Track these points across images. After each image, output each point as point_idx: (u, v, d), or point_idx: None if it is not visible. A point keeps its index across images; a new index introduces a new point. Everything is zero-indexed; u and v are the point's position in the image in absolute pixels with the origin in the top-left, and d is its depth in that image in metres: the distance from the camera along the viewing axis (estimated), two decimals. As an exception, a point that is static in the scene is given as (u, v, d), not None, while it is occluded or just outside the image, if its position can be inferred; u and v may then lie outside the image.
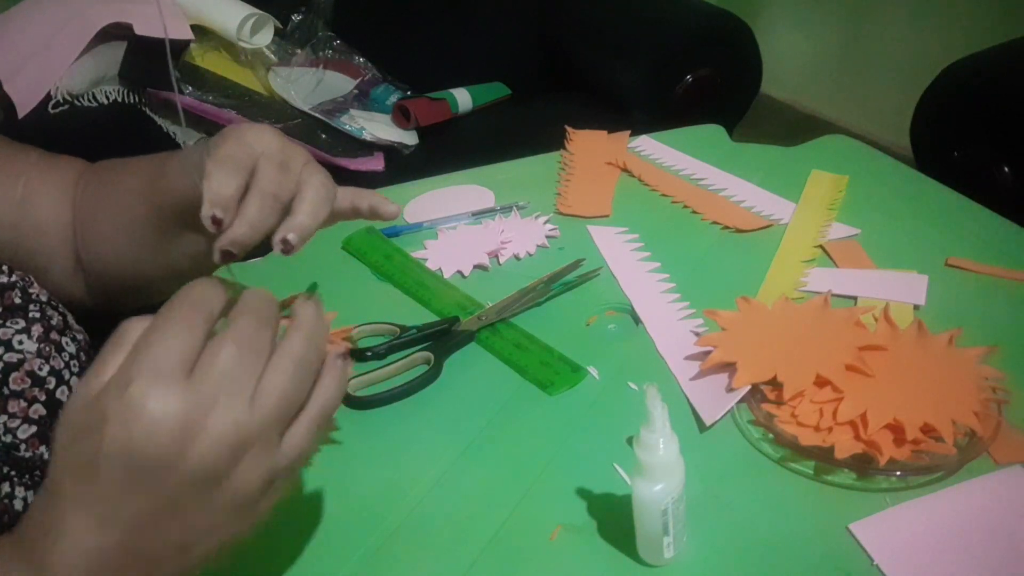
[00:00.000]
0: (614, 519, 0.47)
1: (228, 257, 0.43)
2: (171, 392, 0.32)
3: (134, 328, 0.35)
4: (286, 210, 0.45)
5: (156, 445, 0.32)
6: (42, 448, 0.49)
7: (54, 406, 0.50)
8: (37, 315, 0.52)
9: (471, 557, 0.47)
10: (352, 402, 0.58)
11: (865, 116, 2.20)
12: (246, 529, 0.36)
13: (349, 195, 0.54)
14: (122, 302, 0.62)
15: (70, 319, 0.56)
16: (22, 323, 0.51)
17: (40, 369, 0.50)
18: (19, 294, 0.53)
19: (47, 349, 0.51)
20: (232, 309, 0.36)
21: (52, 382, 0.51)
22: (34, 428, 0.49)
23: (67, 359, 0.53)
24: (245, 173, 0.44)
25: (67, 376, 0.52)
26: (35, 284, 0.56)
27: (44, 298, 0.55)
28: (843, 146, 0.91)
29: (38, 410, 0.49)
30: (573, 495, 0.50)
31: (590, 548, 0.46)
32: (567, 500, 0.50)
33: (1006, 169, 1.08)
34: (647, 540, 0.44)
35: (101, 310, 0.61)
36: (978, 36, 1.34)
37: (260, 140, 0.46)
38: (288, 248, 0.44)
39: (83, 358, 0.54)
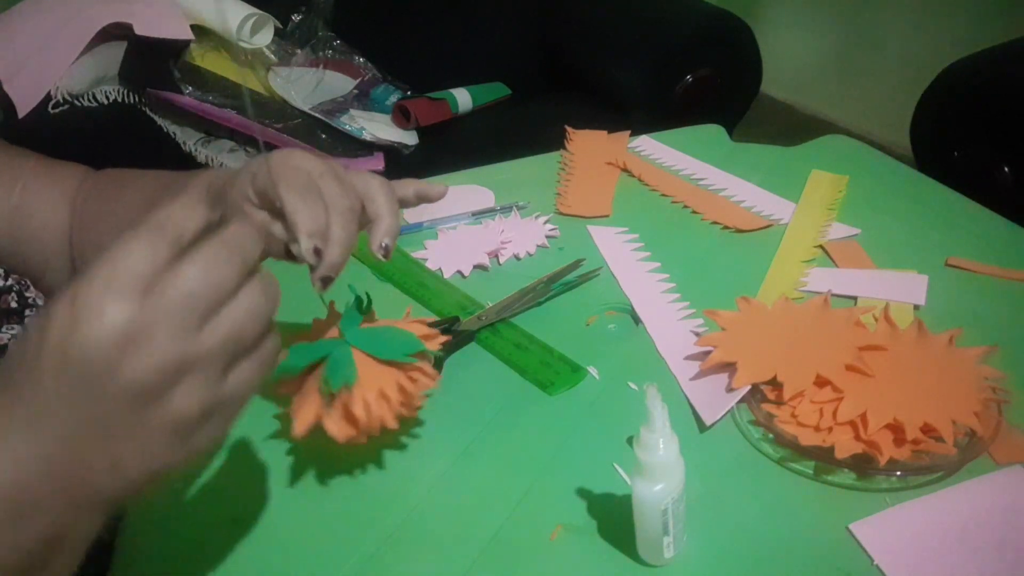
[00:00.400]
0: (614, 519, 0.47)
1: (328, 283, 0.45)
2: (120, 302, 0.31)
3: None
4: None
5: (95, 350, 0.31)
6: None
7: None
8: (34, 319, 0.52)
9: (471, 557, 0.47)
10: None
11: (865, 116, 2.20)
12: (179, 459, 0.34)
13: (394, 185, 0.54)
14: None
15: None
16: (17, 327, 0.51)
17: None
18: (15, 298, 0.54)
19: None
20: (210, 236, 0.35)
21: None
22: None
23: None
24: (321, 199, 0.45)
25: None
26: (31, 288, 0.56)
27: (40, 302, 0.55)
28: (843, 146, 0.91)
29: None
30: (573, 495, 0.50)
31: (590, 548, 0.46)
32: (567, 500, 0.50)
33: (1006, 169, 1.08)
34: (647, 540, 0.44)
35: None
36: (978, 36, 1.34)
37: (307, 163, 0.47)
38: (388, 252, 0.48)
39: None
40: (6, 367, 0.33)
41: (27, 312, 0.53)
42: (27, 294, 0.55)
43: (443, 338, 0.52)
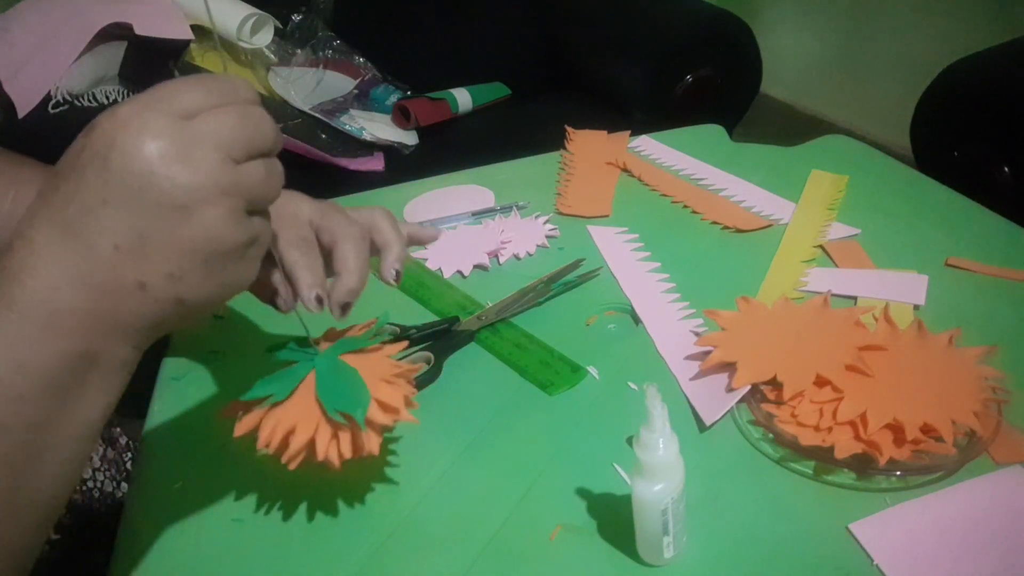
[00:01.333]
0: (614, 519, 0.47)
1: (347, 309, 0.48)
2: (163, 120, 0.33)
3: None
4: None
5: (136, 158, 0.32)
6: None
7: None
8: None
9: (471, 557, 0.47)
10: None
11: (865, 116, 2.20)
12: (204, 293, 0.35)
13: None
14: None
15: None
16: None
17: None
18: None
19: None
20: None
21: None
22: None
23: None
24: (317, 246, 0.47)
25: None
26: None
27: None
28: (843, 146, 0.91)
29: None
30: (573, 495, 0.50)
31: (590, 548, 0.46)
32: (567, 500, 0.50)
33: (1006, 169, 1.08)
34: (647, 540, 0.44)
35: None
36: (978, 36, 1.34)
37: (304, 208, 0.49)
38: (399, 277, 0.51)
39: None
40: (52, 175, 0.34)
41: None
42: None
43: (410, 382, 0.49)
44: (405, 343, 0.53)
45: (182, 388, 0.62)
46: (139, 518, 0.52)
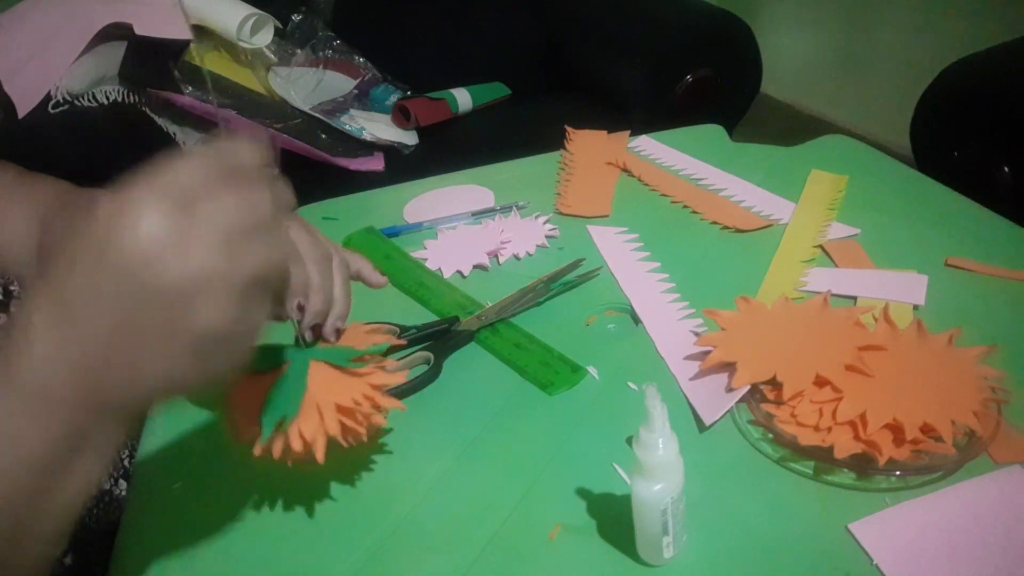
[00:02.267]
0: (614, 519, 0.47)
1: (318, 330, 0.48)
2: (161, 208, 0.33)
3: None
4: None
5: (133, 247, 0.32)
6: None
7: None
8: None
9: (471, 557, 0.47)
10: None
11: (865, 116, 2.20)
12: (195, 377, 0.36)
13: (345, 257, 0.55)
14: None
15: None
16: (3, 316, 0.51)
17: None
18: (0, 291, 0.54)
19: None
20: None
21: None
22: None
23: None
24: (300, 256, 0.47)
25: None
26: (16, 283, 0.56)
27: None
28: (843, 146, 0.91)
29: None
30: (573, 495, 0.50)
31: (590, 548, 0.46)
32: (567, 500, 0.50)
33: (1006, 169, 1.08)
34: (647, 540, 0.44)
35: None
36: (978, 36, 1.34)
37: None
38: (340, 334, 0.50)
39: None
40: (47, 260, 0.35)
41: (11, 305, 0.53)
42: (12, 288, 0.55)
43: (383, 337, 0.52)
44: (398, 366, 0.53)
45: (182, 388, 0.62)
46: (139, 518, 0.52)
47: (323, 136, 1.39)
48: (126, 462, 0.73)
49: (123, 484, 0.70)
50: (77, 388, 0.34)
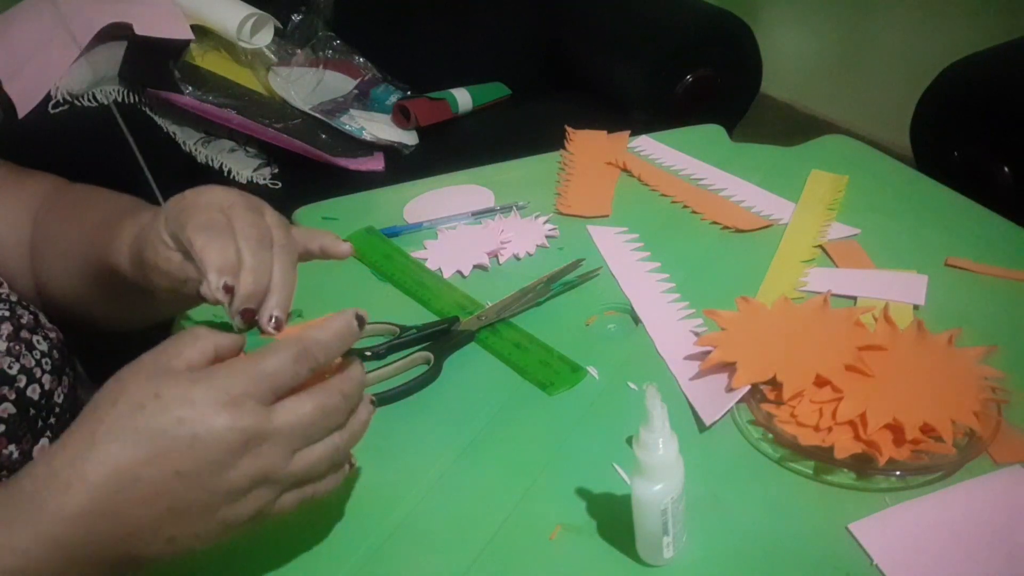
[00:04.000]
0: (614, 519, 0.47)
1: (248, 315, 0.44)
2: (261, 409, 0.36)
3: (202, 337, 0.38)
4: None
5: (224, 444, 0.35)
6: (11, 447, 0.49)
7: (24, 404, 0.50)
8: (7, 314, 0.52)
9: (471, 557, 0.47)
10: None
11: (865, 116, 2.20)
12: (218, 540, 0.39)
13: (301, 238, 0.52)
14: (78, 329, 0.61)
15: (42, 318, 0.56)
16: None
17: (10, 368, 0.50)
18: None
19: (17, 348, 0.51)
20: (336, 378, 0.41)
21: (23, 380, 0.50)
22: (2, 427, 0.48)
23: (38, 357, 0.52)
24: (231, 234, 0.45)
25: (38, 374, 0.52)
26: (5, 285, 0.56)
27: (15, 298, 0.55)
28: (843, 146, 0.91)
29: (7, 408, 0.49)
30: (573, 495, 0.50)
31: (590, 548, 0.46)
32: (567, 500, 0.50)
33: (1006, 169, 1.08)
34: (647, 540, 0.44)
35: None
36: (978, 36, 1.34)
37: (217, 197, 0.47)
38: (280, 325, 0.45)
39: (55, 355, 0.54)
40: (122, 426, 0.36)
41: (0, 308, 0.53)
42: (1, 291, 0.55)
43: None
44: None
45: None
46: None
47: (323, 136, 1.39)
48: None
49: None
50: (116, 550, 0.36)
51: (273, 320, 0.44)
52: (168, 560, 0.38)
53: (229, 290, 0.43)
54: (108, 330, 0.62)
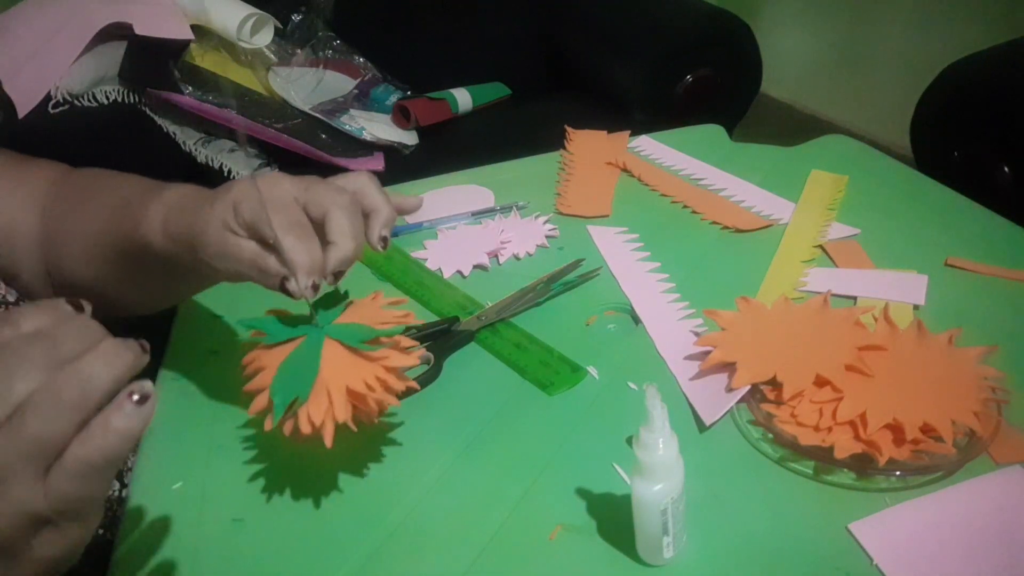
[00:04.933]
0: (614, 519, 0.47)
1: (340, 276, 0.47)
2: None
3: None
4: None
5: None
6: None
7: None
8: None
9: (471, 557, 0.47)
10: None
11: (865, 116, 2.20)
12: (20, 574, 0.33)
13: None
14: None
15: None
16: None
17: None
18: None
19: None
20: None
21: None
22: None
23: None
24: (312, 229, 0.46)
25: None
26: (2, 285, 0.55)
27: (12, 299, 0.55)
28: (843, 146, 0.91)
29: None
30: (573, 495, 0.50)
31: (590, 548, 0.46)
32: (567, 500, 0.50)
33: (1006, 169, 1.08)
34: (646, 540, 0.44)
35: None
36: (978, 36, 1.34)
37: (294, 187, 0.48)
38: (386, 242, 0.49)
39: None
40: None
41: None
42: None
43: (399, 316, 0.50)
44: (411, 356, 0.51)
45: (182, 388, 0.62)
46: (139, 518, 0.52)
47: (323, 136, 1.39)
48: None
49: (116, 485, 0.69)
50: None
51: (381, 240, 0.49)
52: None
53: (316, 288, 0.45)
54: (120, 314, 0.61)
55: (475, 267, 0.74)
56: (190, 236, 0.48)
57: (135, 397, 0.33)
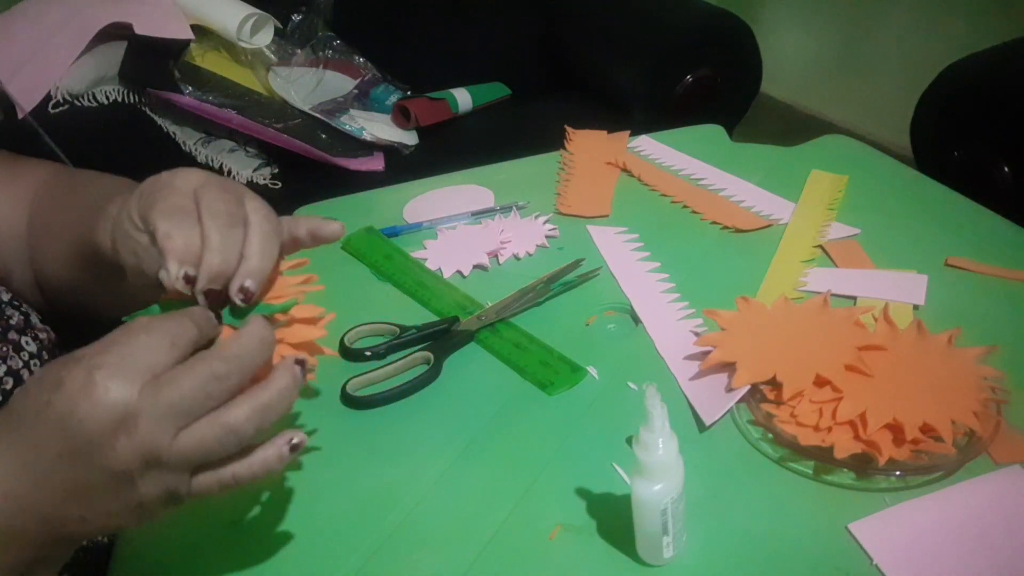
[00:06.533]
0: (614, 519, 0.47)
1: (214, 296, 0.41)
2: (128, 386, 0.35)
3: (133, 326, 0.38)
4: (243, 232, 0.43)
5: (93, 423, 0.35)
6: None
7: None
8: None
9: (471, 557, 0.47)
10: (352, 402, 0.58)
11: (865, 116, 2.20)
12: (134, 523, 0.39)
13: (287, 226, 0.48)
14: (78, 317, 0.60)
15: (33, 318, 0.56)
16: None
17: None
18: None
19: (5, 349, 0.51)
20: (226, 342, 0.39)
21: (10, 382, 0.50)
22: None
23: (27, 358, 0.52)
24: (195, 218, 0.42)
25: (26, 376, 0.51)
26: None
27: (5, 298, 0.54)
28: (843, 146, 0.91)
29: None
30: (573, 495, 0.50)
31: (589, 548, 0.46)
32: (567, 500, 0.50)
33: (1006, 169, 1.08)
34: (646, 540, 0.44)
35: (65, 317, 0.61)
36: (978, 36, 1.33)
37: (188, 179, 0.44)
38: (248, 296, 0.41)
39: (45, 357, 0.54)
40: (9, 413, 0.38)
41: None
42: None
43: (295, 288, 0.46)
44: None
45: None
46: (139, 518, 0.52)
47: (323, 136, 1.39)
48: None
49: None
50: (36, 530, 0.37)
51: (241, 291, 0.41)
52: (97, 534, 0.39)
53: (191, 280, 0.40)
54: (102, 318, 0.61)
55: (475, 267, 0.74)
56: (113, 237, 0.46)
57: (303, 361, 0.40)
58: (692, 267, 0.71)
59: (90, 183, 0.59)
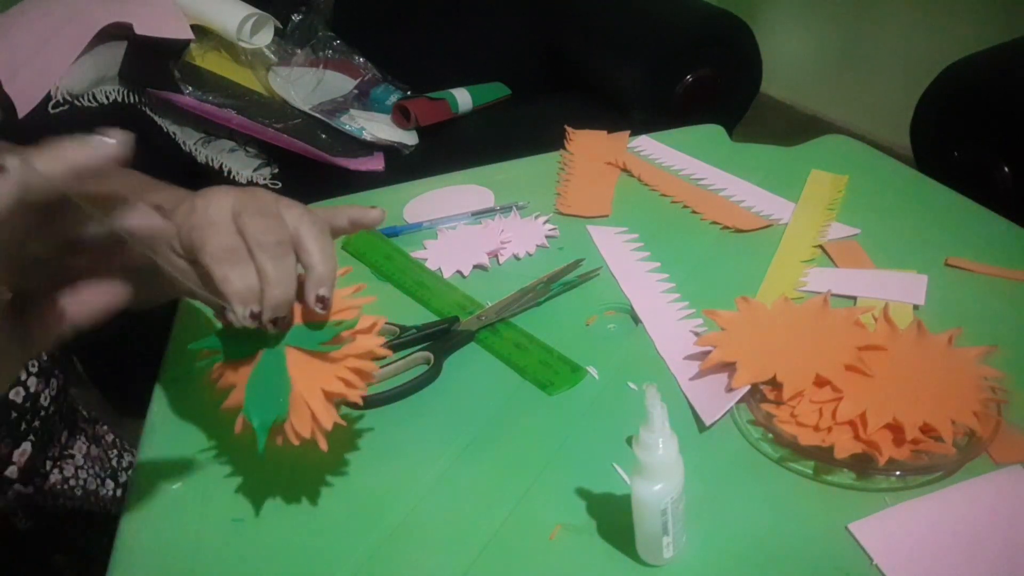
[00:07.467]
0: (613, 519, 0.47)
1: (284, 324, 0.43)
2: None
3: None
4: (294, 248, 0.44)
5: None
6: None
7: (6, 407, 0.50)
8: None
9: (471, 557, 0.47)
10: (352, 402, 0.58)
11: (865, 116, 2.20)
12: None
13: (327, 216, 0.49)
14: None
15: None
16: None
17: None
18: None
19: None
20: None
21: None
22: None
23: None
24: (246, 254, 0.43)
25: (23, 376, 0.51)
26: None
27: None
28: (843, 146, 0.91)
29: None
30: (572, 495, 0.50)
31: (589, 548, 0.46)
32: (567, 500, 0.50)
33: (1006, 169, 1.08)
34: (646, 540, 0.44)
35: None
36: (978, 36, 1.34)
37: (222, 207, 0.44)
38: (326, 302, 0.43)
39: (43, 358, 0.54)
40: None
41: None
42: None
43: (354, 310, 0.47)
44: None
45: (182, 388, 0.62)
46: (138, 519, 0.52)
47: (323, 136, 1.39)
48: (114, 462, 0.73)
49: (110, 484, 0.69)
50: None
51: (319, 300, 0.43)
52: None
53: (256, 316, 0.42)
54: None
55: (475, 267, 0.74)
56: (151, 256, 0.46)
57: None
58: (692, 267, 0.71)
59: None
